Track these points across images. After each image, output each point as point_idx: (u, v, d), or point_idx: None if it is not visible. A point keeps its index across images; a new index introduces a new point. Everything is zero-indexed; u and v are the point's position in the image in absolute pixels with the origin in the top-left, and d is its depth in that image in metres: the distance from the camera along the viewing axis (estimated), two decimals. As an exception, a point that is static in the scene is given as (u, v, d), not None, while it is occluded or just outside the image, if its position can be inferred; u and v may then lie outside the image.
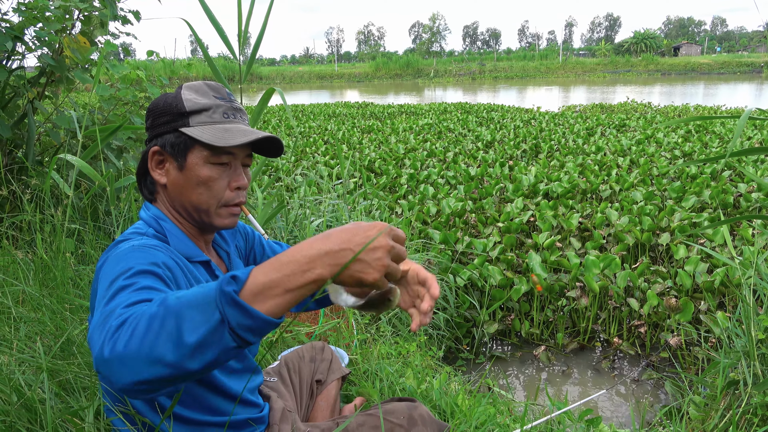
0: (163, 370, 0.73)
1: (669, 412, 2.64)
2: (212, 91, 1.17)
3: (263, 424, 1.28)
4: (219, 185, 1.15)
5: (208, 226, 1.18)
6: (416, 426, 1.26)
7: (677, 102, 18.04)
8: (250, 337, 0.75)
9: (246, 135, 1.11)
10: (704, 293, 3.46)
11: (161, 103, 1.16)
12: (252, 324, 0.74)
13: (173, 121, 1.13)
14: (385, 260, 0.78)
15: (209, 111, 1.13)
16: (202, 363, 0.74)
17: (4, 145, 3.08)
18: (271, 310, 0.75)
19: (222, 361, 0.77)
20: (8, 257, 2.33)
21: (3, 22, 2.83)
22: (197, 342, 0.73)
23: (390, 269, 0.79)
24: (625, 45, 77.22)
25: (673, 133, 9.64)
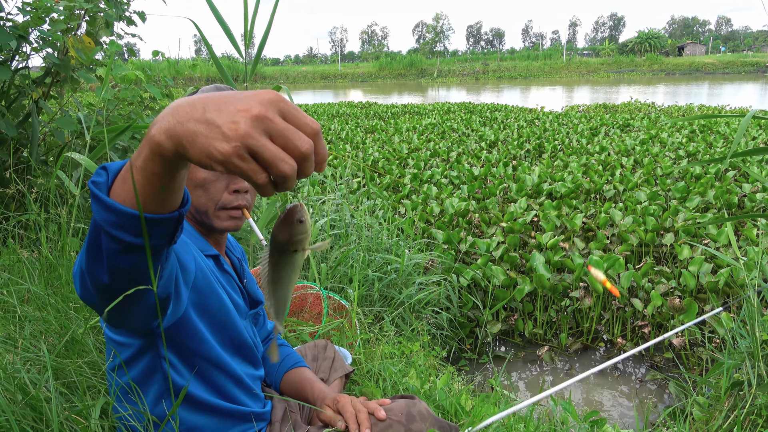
0: (87, 275, 0.75)
1: (673, 413, 2.63)
2: (218, 92, 1.17)
3: (265, 421, 1.29)
4: (216, 188, 1.16)
5: (210, 227, 1.20)
6: (415, 422, 1.26)
7: (681, 102, 17.98)
8: (126, 236, 0.66)
9: None
10: (708, 293, 3.45)
11: None
12: (116, 219, 0.65)
13: None
14: (246, 125, 0.54)
15: None
16: (106, 264, 0.71)
17: (10, 144, 3.09)
18: (127, 197, 0.65)
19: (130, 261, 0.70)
20: (14, 256, 2.34)
21: (7, 21, 2.84)
22: (88, 244, 0.71)
23: (254, 145, 0.54)
24: (629, 45, 77.02)
25: (678, 133, 9.61)
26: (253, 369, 1.31)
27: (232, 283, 1.26)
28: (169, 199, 0.67)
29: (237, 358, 1.23)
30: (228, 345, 1.20)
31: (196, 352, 1.12)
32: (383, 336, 2.70)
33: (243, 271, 1.36)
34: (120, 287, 0.74)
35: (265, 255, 0.79)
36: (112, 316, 0.82)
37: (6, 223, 2.77)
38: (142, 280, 0.75)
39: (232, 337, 1.20)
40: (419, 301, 3.24)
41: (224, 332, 1.18)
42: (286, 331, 0.90)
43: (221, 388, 1.17)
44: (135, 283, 0.74)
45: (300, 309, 2.54)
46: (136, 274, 0.73)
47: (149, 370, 1.09)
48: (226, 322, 1.18)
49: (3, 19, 2.79)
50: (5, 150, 3.02)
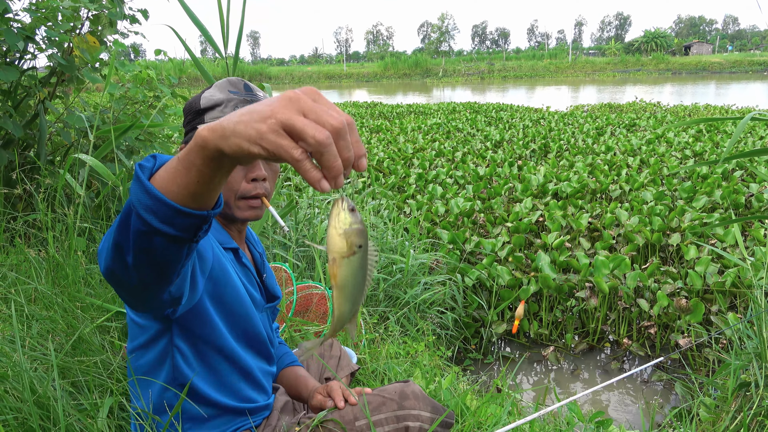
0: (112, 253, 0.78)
1: (679, 414, 2.62)
2: (230, 86, 1.20)
3: (267, 410, 1.32)
4: (234, 178, 1.18)
5: (231, 218, 1.22)
6: (408, 400, 1.28)
7: (687, 101, 17.89)
8: (154, 221, 0.70)
9: None
10: (715, 294, 3.43)
11: (188, 103, 1.24)
12: (151, 203, 0.69)
13: (193, 120, 1.20)
14: (281, 107, 0.59)
15: (221, 106, 1.17)
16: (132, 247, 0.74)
17: (17, 144, 3.11)
18: (170, 188, 0.69)
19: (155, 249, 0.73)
20: (21, 256, 2.35)
21: (14, 22, 2.85)
22: (120, 223, 0.74)
23: (288, 118, 0.58)
24: (635, 44, 76.75)
25: (684, 132, 9.56)
26: (265, 364, 1.32)
27: (250, 276, 1.27)
28: (202, 197, 0.70)
29: (249, 350, 1.25)
30: (241, 337, 1.22)
31: (208, 340, 1.14)
32: (388, 336, 2.70)
33: (263, 266, 1.38)
34: (140, 269, 0.78)
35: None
36: (130, 297, 0.87)
37: (13, 222, 2.79)
38: (161, 268, 0.78)
39: (245, 329, 1.22)
40: (424, 301, 3.23)
41: (238, 324, 1.20)
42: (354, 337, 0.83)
43: (227, 382, 1.19)
44: (154, 268, 0.78)
45: (305, 309, 2.54)
46: (156, 259, 0.76)
47: (162, 356, 1.12)
48: (241, 313, 1.20)
49: (11, 20, 2.81)
50: (12, 150, 3.03)
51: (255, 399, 1.26)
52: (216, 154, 0.64)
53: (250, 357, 1.25)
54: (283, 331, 2.27)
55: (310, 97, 0.60)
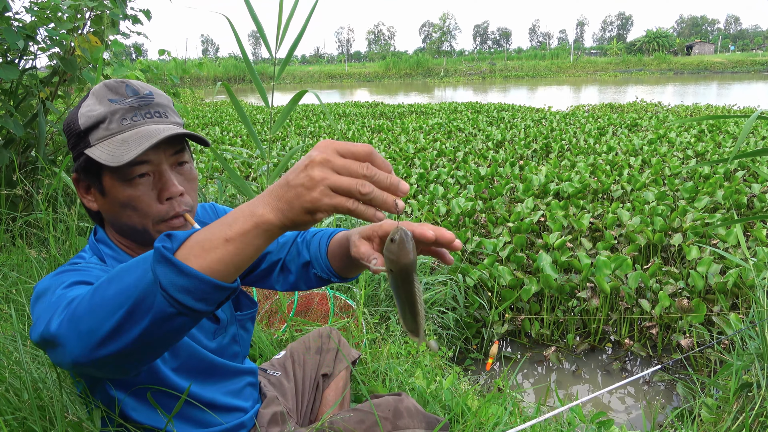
0: (106, 339, 0.71)
1: (681, 414, 2.61)
2: (109, 93, 1.00)
3: (245, 429, 1.23)
4: (145, 202, 0.99)
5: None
6: (402, 418, 1.24)
7: (688, 102, 17.87)
8: (189, 300, 0.67)
9: (141, 142, 0.95)
10: (717, 295, 3.42)
11: (65, 122, 1.03)
12: (187, 284, 0.66)
13: (77, 144, 1.00)
14: (318, 173, 0.65)
15: (105, 122, 0.98)
16: (140, 330, 0.69)
17: (18, 144, 3.11)
18: (211, 266, 0.67)
19: (170, 330, 0.70)
20: (22, 255, 2.35)
21: (15, 21, 2.86)
22: (130, 305, 0.69)
23: (331, 183, 0.65)
24: (637, 44, 76.71)
25: (686, 132, 9.55)
26: (234, 382, 1.22)
27: None
28: (243, 269, 0.71)
29: (208, 382, 1.14)
30: (194, 374, 1.10)
31: (147, 387, 1.03)
32: (389, 336, 2.70)
33: None
34: (137, 352, 0.73)
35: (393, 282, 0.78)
36: (94, 371, 0.78)
37: (13, 223, 2.79)
38: (159, 347, 0.74)
39: (192, 366, 1.10)
40: (425, 301, 3.23)
41: (183, 364, 1.08)
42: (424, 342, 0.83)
43: (187, 415, 1.10)
44: (155, 348, 0.74)
45: (306, 309, 2.54)
46: (162, 339, 0.72)
47: (107, 403, 1.04)
48: (186, 360, 1.08)
49: (10, 19, 2.81)
50: (13, 150, 3.03)
51: (225, 421, 1.17)
52: (278, 232, 0.69)
53: (209, 389, 1.13)
54: (284, 331, 2.27)
55: (334, 152, 0.67)
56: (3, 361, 1.43)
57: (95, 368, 0.75)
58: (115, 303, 0.70)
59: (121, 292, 0.70)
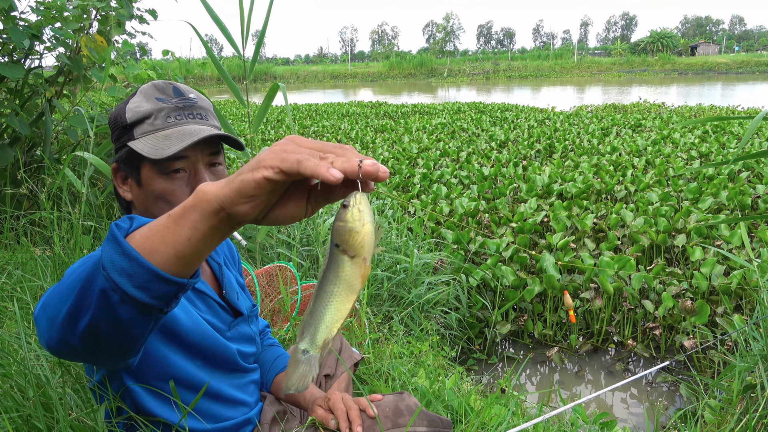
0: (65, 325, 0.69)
1: (684, 416, 2.61)
2: (157, 92, 1.08)
3: (250, 425, 1.25)
4: (178, 196, 1.05)
5: None
6: (402, 417, 1.25)
7: (692, 102, 17.82)
8: (127, 285, 0.63)
9: (184, 138, 1.02)
10: (721, 296, 3.41)
11: (112, 116, 1.10)
12: (127, 266, 0.63)
13: (121, 136, 1.08)
14: (279, 145, 0.60)
15: (150, 118, 1.05)
16: (90, 316, 0.66)
17: (23, 143, 3.13)
18: (153, 248, 0.63)
19: (118, 320, 0.66)
20: (27, 254, 2.36)
21: (21, 20, 2.87)
22: (80, 287, 0.66)
23: (290, 149, 0.59)
24: (641, 44, 76.50)
25: (690, 133, 9.52)
26: (241, 377, 1.25)
27: (207, 299, 1.17)
28: (182, 260, 0.65)
29: (217, 372, 1.17)
30: (204, 365, 1.13)
31: (162, 377, 1.06)
32: (392, 335, 2.70)
33: (223, 279, 1.24)
34: (94, 342, 0.70)
35: (325, 267, 0.65)
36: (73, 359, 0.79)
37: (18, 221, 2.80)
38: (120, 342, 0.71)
39: (208, 356, 1.13)
40: (428, 300, 3.23)
41: (199, 353, 1.11)
42: (316, 352, 0.65)
43: (196, 409, 1.12)
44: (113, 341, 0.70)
45: (309, 308, 2.54)
46: (118, 332, 0.69)
47: (121, 394, 1.06)
48: (201, 344, 1.11)
49: (16, 18, 2.82)
50: (19, 148, 3.05)
51: (231, 416, 1.20)
52: (215, 206, 0.61)
53: (219, 380, 1.17)
54: (287, 331, 2.27)
55: (293, 143, 0.61)
56: (8, 359, 1.44)
57: (69, 355, 0.74)
58: (71, 286, 0.69)
59: (78, 275, 0.69)
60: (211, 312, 1.17)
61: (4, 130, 3.04)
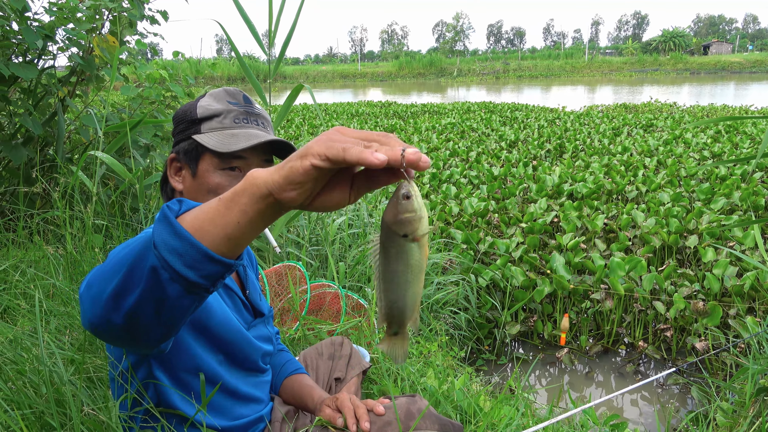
0: (109, 302, 0.71)
1: (695, 418, 2.58)
2: (228, 96, 1.18)
3: (262, 423, 1.27)
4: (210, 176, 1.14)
5: None
6: (414, 420, 1.25)
7: (704, 102, 17.65)
8: (178, 264, 0.65)
9: (250, 139, 1.11)
10: (733, 297, 3.38)
11: (181, 111, 1.19)
12: (179, 246, 0.65)
13: (187, 129, 1.16)
14: (326, 134, 0.63)
15: (220, 116, 1.14)
16: (138, 293, 0.68)
17: (36, 142, 3.16)
18: (203, 228, 0.66)
19: (166, 298, 0.68)
20: (40, 252, 2.39)
21: (34, 21, 2.90)
22: (129, 264, 0.68)
23: (337, 138, 0.62)
24: (653, 44, 75.91)
25: (702, 133, 9.44)
26: (257, 376, 1.28)
27: (234, 296, 1.22)
28: (237, 243, 0.67)
29: (236, 370, 1.20)
30: (227, 360, 1.17)
31: (188, 369, 1.09)
32: (401, 335, 2.69)
33: (246, 280, 1.30)
34: (142, 320, 0.72)
35: (375, 245, 0.68)
36: (116, 344, 0.81)
37: (30, 220, 2.83)
38: (165, 320, 0.73)
39: (231, 352, 1.17)
40: (437, 301, 3.23)
41: (223, 349, 1.15)
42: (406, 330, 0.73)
43: (212, 403, 1.15)
44: (159, 319, 0.73)
45: (318, 308, 2.55)
46: (163, 310, 0.71)
47: (144, 384, 1.09)
48: (226, 339, 1.14)
49: (30, 19, 2.85)
50: (32, 148, 3.08)
51: (245, 414, 1.22)
52: (264, 191, 0.64)
53: (237, 377, 1.20)
54: (296, 330, 2.28)
55: (339, 132, 0.63)
56: (22, 356, 1.45)
57: (108, 334, 0.75)
58: (120, 264, 0.70)
59: (127, 254, 0.70)
60: (236, 309, 1.21)
61: (18, 129, 3.07)
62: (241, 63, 2.65)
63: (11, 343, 1.53)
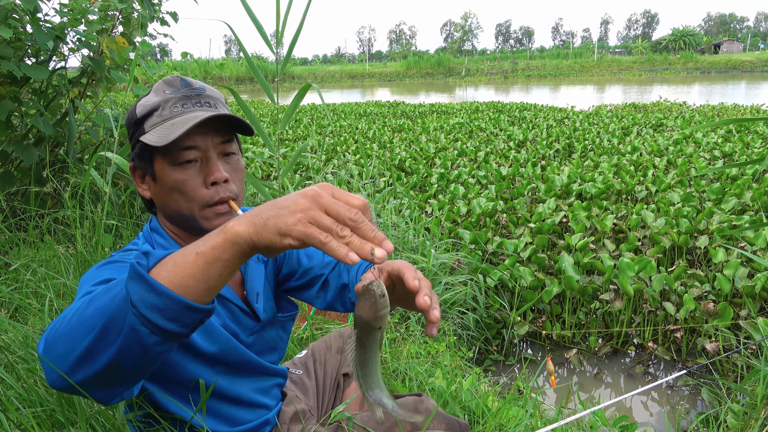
0: (81, 361, 0.69)
1: (706, 420, 2.56)
2: (165, 86, 1.08)
3: (269, 425, 1.25)
4: (191, 186, 1.04)
5: (201, 231, 1.07)
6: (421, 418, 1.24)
7: (715, 101, 17.50)
8: (159, 320, 0.66)
9: (187, 123, 1.00)
10: (744, 298, 3.35)
11: (127, 116, 1.11)
12: (158, 301, 0.65)
13: (134, 132, 1.08)
14: (305, 202, 0.66)
15: (158, 109, 1.05)
16: (114, 351, 0.67)
17: (47, 142, 3.18)
18: (182, 282, 0.67)
19: (143, 351, 0.68)
20: (50, 251, 2.40)
21: (45, 22, 2.92)
22: (103, 325, 0.67)
23: (312, 215, 0.65)
24: (663, 42, 75.35)
25: (713, 133, 9.36)
26: (264, 380, 1.24)
27: (229, 305, 1.15)
28: (216, 290, 0.70)
29: (238, 378, 1.16)
30: (225, 371, 1.13)
31: (181, 382, 1.06)
32: (409, 335, 2.70)
33: (246, 276, 1.22)
34: (115, 373, 0.71)
35: (353, 342, 0.77)
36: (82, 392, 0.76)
37: (41, 220, 2.85)
38: (140, 369, 0.72)
39: (228, 363, 1.12)
40: (445, 301, 3.22)
41: (218, 361, 1.10)
42: (380, 411, 0.83)
43: (214, 411, 1.12)
44: (134, 369, 0.72)
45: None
46: (138, 360, 0.70)
47: (140, 393, 1.06)
48: (219, 353, 1.10)
49: (41, 20, 2.87)
50: (43, 148, 3.10)
51: (250, 419, 1.19)
52: (247, 249, 0.67)
53: (238, 383, 1.16)
54: (305, 329, 2.28)
55: (329, 193, 0.68)
56: (33, 354, 1.46)
57: (79, 390, 0.73)
58: (89, 324, 0.69)
59: (95, 312, 0.69)
60: (233, 318, 1.15)
61: (30, 130, 3.10)
62: (249, 63, 2.66)
63: (22, 342, 1.54)
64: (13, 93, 2.86)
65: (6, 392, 1.27)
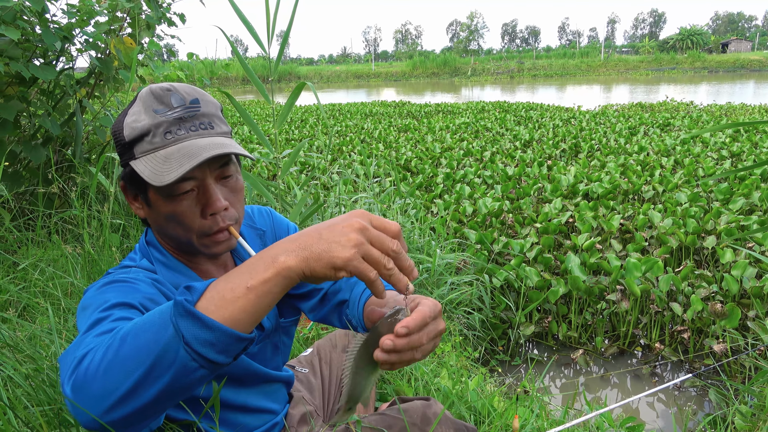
0: (122, 401, 0.68)
1: (713, 421, 2.55)
2: (155, 102, 0.96)
3: (275, 429, 1.25)
4: (189, 217, 0.98)
5: (200, 254, 1.05)
6: (430, 425, 1.24)
7: (722, 101, 17.38)
8: (211, 353, 0.67)
9: (183, 163, 0.92)
10: (752, 299, 3.33)
11: (112, 129, 1.01)
12: (211, 337, 0.67)
13: (123, 154, 1.00)
14: (355, 236, 0.70)
15: (149, 135, 0.95)
16: (159, 388, 0.68)
17: (55, 142, 3.20)
18: (234, 317, 0.69)
19: (187, 385, 0.69)
20: (58, 251, 2.42)
21: (53, 23, 2.94)
22: (151, 363, 0.67)
23: (364, 250, 0.70)
24: (670, 42, 74.91)
25: (720, 132, 9.30)
26: (269, 385, 1.23)
27: None
28: (259, 320, 0.72)
29: (243, 387, 1.15)
30: (231, 381, 1.11)
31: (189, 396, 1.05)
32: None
33: None
34: (155, 407, 0.71)
35: (357, 342, 0.79)
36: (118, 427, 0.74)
37: (49, 219, 2.87)
38: (176, 397, 0.72)
39: (232, 376, 1.11)
40: (451, 301, 3.22)
41: (224, 372, 1.06)
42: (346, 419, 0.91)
43: (223, 420, 1.11)
44: (172, 400, 0.72)
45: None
46: (180, 392, 0.71)
47: None
48: None
49: (48, 21, 2.89)
50: (51, 148, 3.12)
51: (258, 424, 1.19)
52: (297, 280, 0.71)
53: (244, 393, 1.15)
54: (310, 329, 2.29)
55: (369, 222, 0.73)
56: (40, 353, 1.47)
57: (117, 425, 0.72)
58: (132, 362, 0.68)
59: (139, 350, 0.68)
60: None
61: (38, 130, 3.12)
62: (242, 63, 2.68)
63: (30, 341, 1.55)
64: (22, 93, 2.88)
65: (14, 390, 1.28)
